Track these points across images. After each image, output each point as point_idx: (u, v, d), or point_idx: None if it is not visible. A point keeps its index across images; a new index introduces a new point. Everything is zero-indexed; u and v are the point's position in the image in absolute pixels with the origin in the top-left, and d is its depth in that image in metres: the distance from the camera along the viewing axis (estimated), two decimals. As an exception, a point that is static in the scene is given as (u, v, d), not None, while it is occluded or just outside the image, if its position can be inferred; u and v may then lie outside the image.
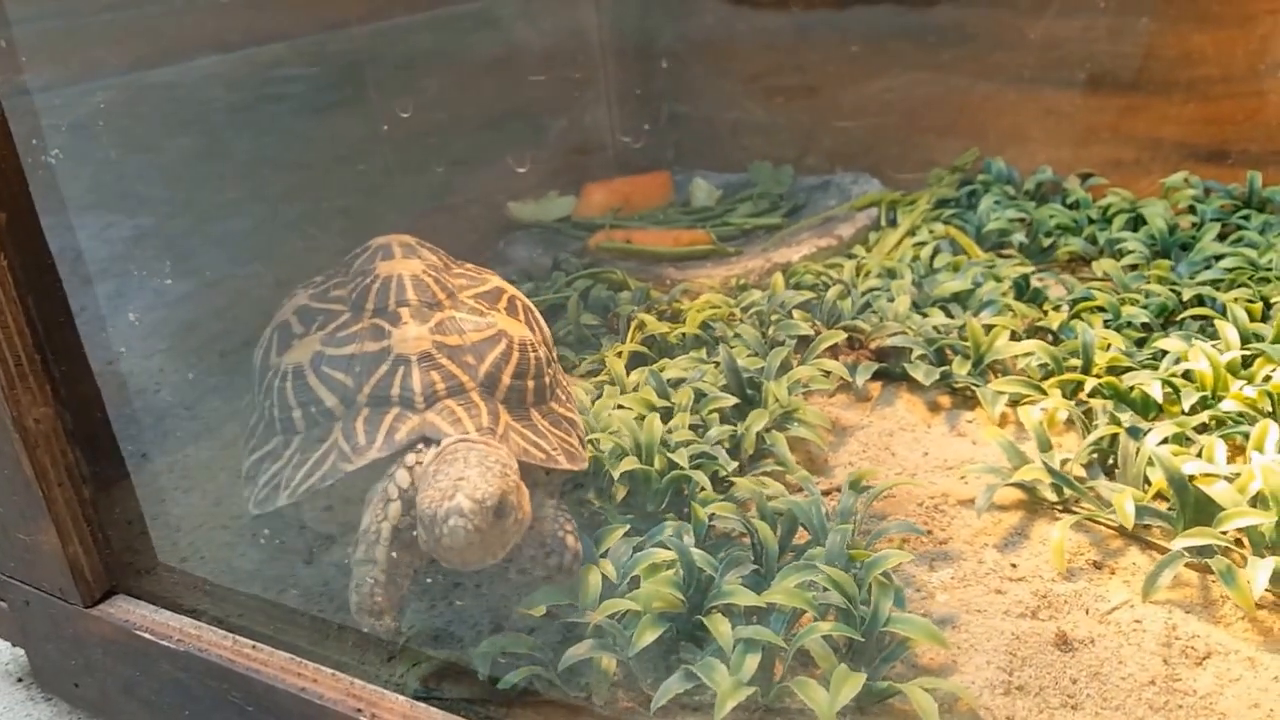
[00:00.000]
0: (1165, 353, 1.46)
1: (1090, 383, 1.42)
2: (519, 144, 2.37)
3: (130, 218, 1.86)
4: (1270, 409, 1.30)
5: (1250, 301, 1.56)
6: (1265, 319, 1.52)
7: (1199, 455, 1.23)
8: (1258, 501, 1.13)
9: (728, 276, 1.88)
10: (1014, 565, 1.21)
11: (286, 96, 2.04)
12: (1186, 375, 1.41)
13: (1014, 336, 1.57)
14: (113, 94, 1.74)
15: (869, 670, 1.03)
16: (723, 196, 2.32)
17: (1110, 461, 1.32)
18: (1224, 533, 1.12)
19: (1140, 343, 1.54)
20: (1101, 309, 1.61)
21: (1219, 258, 1.72)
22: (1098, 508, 1.24)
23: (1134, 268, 1.77)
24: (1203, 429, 1.31)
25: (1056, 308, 1.65)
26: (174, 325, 1.84)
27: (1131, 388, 1.39)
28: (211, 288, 1.89)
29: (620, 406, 1.42)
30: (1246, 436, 1.25)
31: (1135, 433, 1.27)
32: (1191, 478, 1.16)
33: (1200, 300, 1.60)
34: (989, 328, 1.56)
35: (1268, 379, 1.36)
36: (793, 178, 2.31)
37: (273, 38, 1.94)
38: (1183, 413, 1.34)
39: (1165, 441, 1.25)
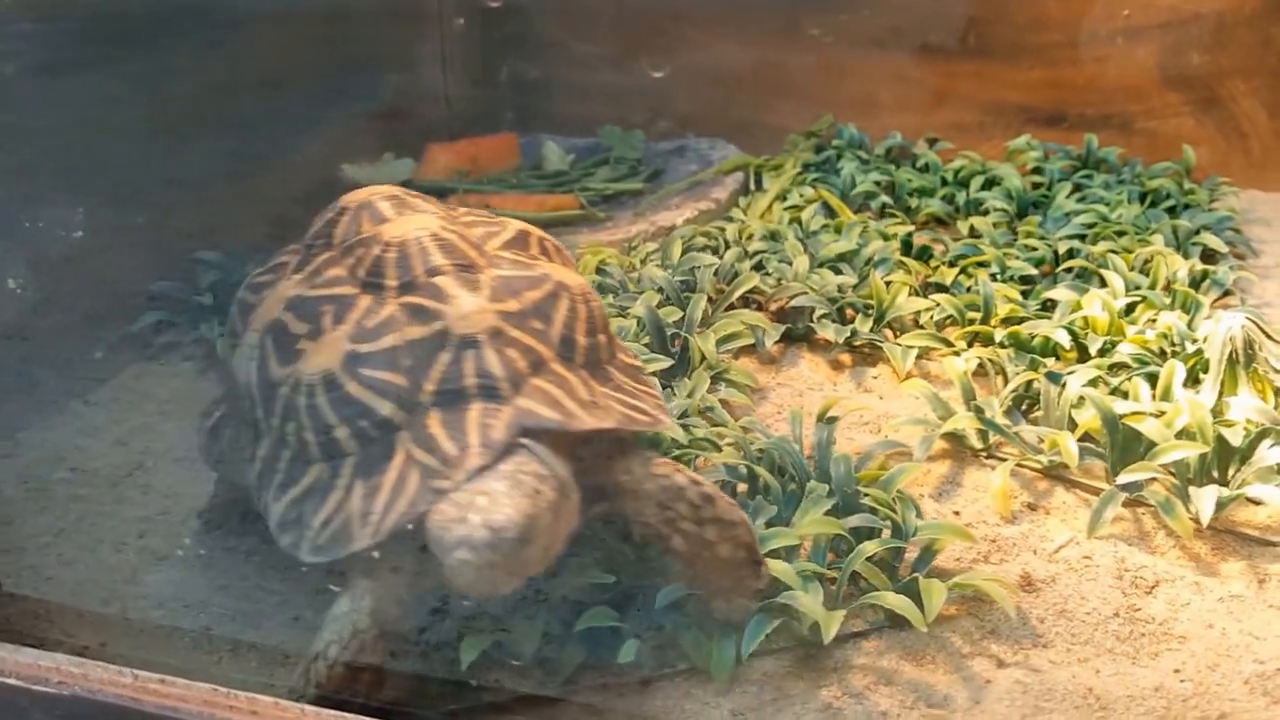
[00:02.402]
0: (1055, 303, 1.53)
1: (998, 333, 1.46)
2: (337, 104, 2.16)
3: None
4: (1167, 351, 1.39)
5: (1115, 253, 1.66)
6: (1133, 268, 1.63)
7: (1113, 395, 1.30)
8: (1184, 435, 1.20)
9: (615, 240, 1.81)
10: (956, 513, 1.23)
11: (13, 54, 1.70)
12: (1074, 323, 1.48)
13: (912, 292, 1.60)
14: None
15: (907, 576, 1.08)
16: (575, 161, 2.24)
17: (1025, 407, 1.37)
18: (1162, 466, 1.18)
19: (1025, 294, 1.60)
20: (985, 264, 1.68)
21: (1072, 214, 1.83)
22: (1023, 452, 1.28)
23: (995, 226, 1.85)
24: (1107, 372, 1.38)
25: (945, 263, 1.69)
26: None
27: (1033, 336, 1.45)
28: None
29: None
30: (1150, 378, 1.32)
31: (1054, 378, 1.32)
32: (1122, 416, 1.22)
33: (1072, 254, 1.69)
34: (889, 284, 1.58)
35: (1151, 322, 1.45)
36: (644, 143, 2.26)
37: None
38: (1088, 357, 1.41)
39: (1087, 385, 1.30)
